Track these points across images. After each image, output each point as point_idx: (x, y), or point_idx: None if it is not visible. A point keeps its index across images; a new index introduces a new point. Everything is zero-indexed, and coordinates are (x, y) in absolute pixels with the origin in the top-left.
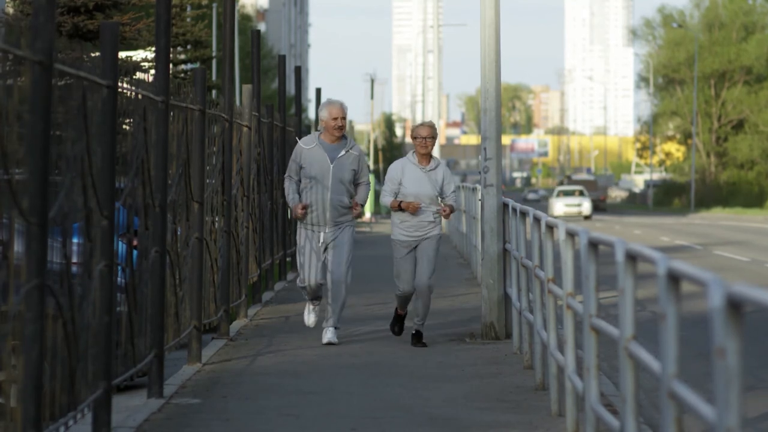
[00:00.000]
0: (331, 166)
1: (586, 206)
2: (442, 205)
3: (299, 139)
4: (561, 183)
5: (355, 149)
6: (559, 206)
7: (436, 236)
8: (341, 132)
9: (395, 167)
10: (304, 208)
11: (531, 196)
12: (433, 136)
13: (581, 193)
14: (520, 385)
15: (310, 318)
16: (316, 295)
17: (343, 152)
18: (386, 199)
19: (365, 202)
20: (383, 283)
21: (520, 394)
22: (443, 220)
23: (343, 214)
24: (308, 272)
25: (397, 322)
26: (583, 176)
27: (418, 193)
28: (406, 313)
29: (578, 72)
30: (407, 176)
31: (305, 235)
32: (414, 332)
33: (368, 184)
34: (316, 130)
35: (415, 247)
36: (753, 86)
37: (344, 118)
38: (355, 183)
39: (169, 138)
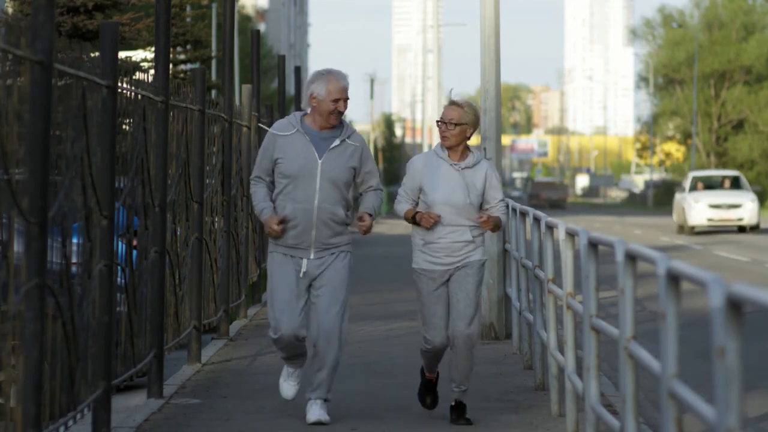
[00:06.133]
0: (320, 161)
1: (750, 208)
2: (482, 215)
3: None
4: (525, 186)
5: (355, 138)
6: (701, 209)
7: (477, 263)
8: (338, 119)
9: (416, 163)
10: (283, 222)
11: (514, 194)
12: (461, 122)
13: (735, 183)
14: (520, 385)
15: (286, 386)
16: (295, 352)
17: (337, 142)
18: (402, 207)
19: (375, 212)
20: (383, 283)
21: (520, 394)
22: (487, 237)
23: (336, 233)
24: (281, 316)
25: (428, 392)
26: (545, 178)
27: (448, 199)
28: (437, 376)
29: (578, 72)
30: (432, 176)
31: (279, 262)
32: (453, 404)
33: (379, 190)
34: (298, 110)
35: (448, 279)
36: (753, 86)
37: (347, 99)
38: (359, 191)
39: (168, 138)
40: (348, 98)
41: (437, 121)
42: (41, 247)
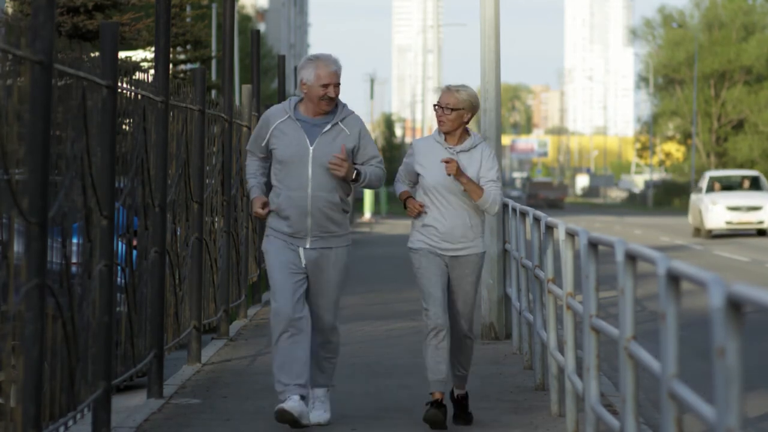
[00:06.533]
0: (311, 148)
1: None
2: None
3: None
4: (525, 186)
5: (350, 121)
6: (719, 212)
7: (474, 258)
8: (332, 104)
9: (415, 147)
10: (266, 205)
11: (514, 194)
12: (457, 108)
13: (755, 184)
14: (520, 385)
15: (290, 402)
16: (295, 347)
17: (328, 127)
18: (399, 186)
19: (367, 176)
20: (383, 283)
21: (520, 394)
22: (487, 237)
23: (334, 220)
24: (282, 294)
25: (436, 415)
26: (543, 179)
27: (444, 183)
28: (444, 406)
29: (578, 72)
30: (427, 159)
31: (276, 244)
32: (454, 396)
33: (380, 163)
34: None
35: (446, 264)
36: (753, 86)
37: (338, 85)
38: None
39: (168, 138)
40: (339, 83)
41: (434, 105)
42: (41, 247)
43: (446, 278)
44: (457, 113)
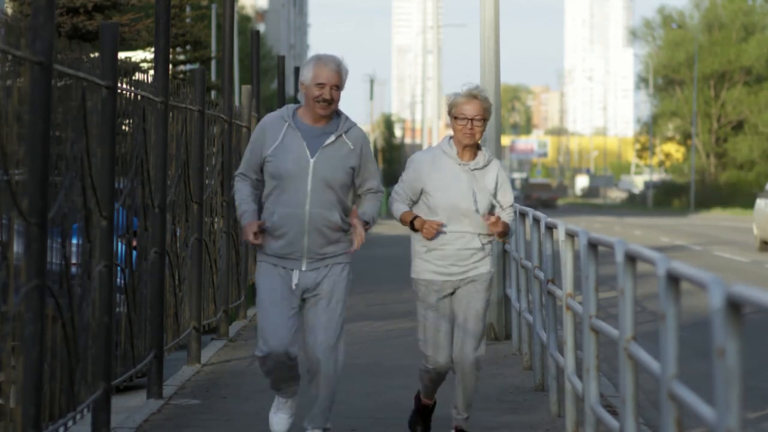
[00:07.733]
0: (312, 160)
1: None
2: (490, 217)
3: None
4: (523, 187)
5: (353, 133)
6: None
7: (484, 276)
8: (328, 109)
9: (419, 162)
10: (261, 230)
11: None
12: (485, 118)
13: None
14: (520, 386)
15: (276, 419)
16: (284, 375)
17: (332, 138)
18: (398, 207)
19: (374, 219)
20: (382, 284)
21: (520, 394)
22: (496, 245)
23: (331, 241)
24: (270, 332)
25: (421, 419)
26: (539, 180)
27: (456, 204)
28: (434, 402)
29: (578, 72)
30: (439, 177)
31: (267, 272)
32: (454, 430)
33: (380, 193)
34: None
35: (453, 293)
36: (753, 87)
37: (338, 87)
38: (357, 192)
39: (168, 139)
40: (338, 86)
41: (456, 118)
42: (41, 248)
43: (451, 318)
44: (483, 123)
